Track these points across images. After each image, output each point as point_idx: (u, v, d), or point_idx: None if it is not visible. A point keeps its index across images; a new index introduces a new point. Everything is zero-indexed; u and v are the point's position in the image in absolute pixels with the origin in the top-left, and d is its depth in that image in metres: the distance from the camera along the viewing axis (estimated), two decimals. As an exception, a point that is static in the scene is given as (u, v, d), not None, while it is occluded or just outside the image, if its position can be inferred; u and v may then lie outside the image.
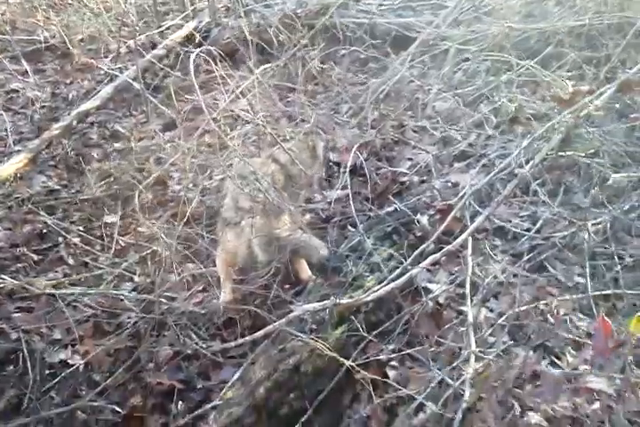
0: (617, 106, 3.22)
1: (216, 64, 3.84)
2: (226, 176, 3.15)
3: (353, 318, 2.24)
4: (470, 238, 2.27)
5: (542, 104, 3.81)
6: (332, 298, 2.21)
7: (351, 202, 2.85)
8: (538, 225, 2.61)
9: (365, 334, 2.18)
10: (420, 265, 2.24)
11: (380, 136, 3.81)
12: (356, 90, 4.53)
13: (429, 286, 2.43)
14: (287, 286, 2.72)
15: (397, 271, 2.27)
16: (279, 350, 2.20)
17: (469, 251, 2.25)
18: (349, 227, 3.02)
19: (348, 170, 3.11)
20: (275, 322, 2.30)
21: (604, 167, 2.76)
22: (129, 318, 2.67)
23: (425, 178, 3.38)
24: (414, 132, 3.97)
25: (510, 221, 2.67)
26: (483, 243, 2.47)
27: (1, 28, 6.04)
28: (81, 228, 3.44)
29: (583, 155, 2.76)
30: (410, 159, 3.69)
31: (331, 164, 3.76)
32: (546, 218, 2.61)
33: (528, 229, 2.71)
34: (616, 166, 2.91)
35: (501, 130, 3.65)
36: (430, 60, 4.50)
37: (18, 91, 5.18)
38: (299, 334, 2.17)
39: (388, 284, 2.21)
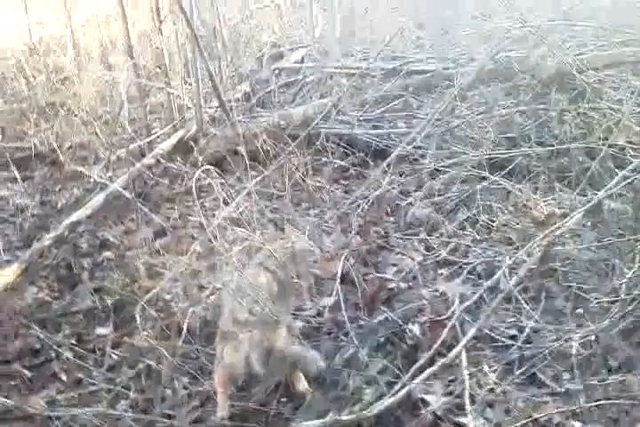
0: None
1: (204, 172, 4.09)
2: (220, 287, 3.26)
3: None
4: (464, 351, 2.37)
5: (515, 213, 4.08)
6: (330, 415, 2.24)
7: (343, 312, 2.94)
8: (524, 334, 2.73)
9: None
10: (417, 380, 2.30)
11: (366, 242, 3.98)
12: (338, 197, 4.77)
13: (426, 397, 2.48)
14: (284, 400, 2.75)
15: (396, 387, 2.33)
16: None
17: (464, 363, 2.34)
18: (342, 336, 3.10)
19: (338, 277, 3.22)
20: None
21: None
22: (127, 435, 2.64)
23: (411, 284, 3.53)
24: (397, 238, 4.16)
25: (497, 330, 2.78)
26: (474, 355, 2.56)
27: (-10, 136, 6.27)
28: (73, 341, 3.44)
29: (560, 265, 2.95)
30: (394, 265, 3.84)
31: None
32: (532, 327, 2.73)
33: (514, 336, 2.84)
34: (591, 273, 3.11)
35: (479, 238, 3.87)
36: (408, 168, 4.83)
37: (6, 199, 5.30)
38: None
39: (388, 398, 2.27)
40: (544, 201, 3.72)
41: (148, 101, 6.70)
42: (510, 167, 4.26)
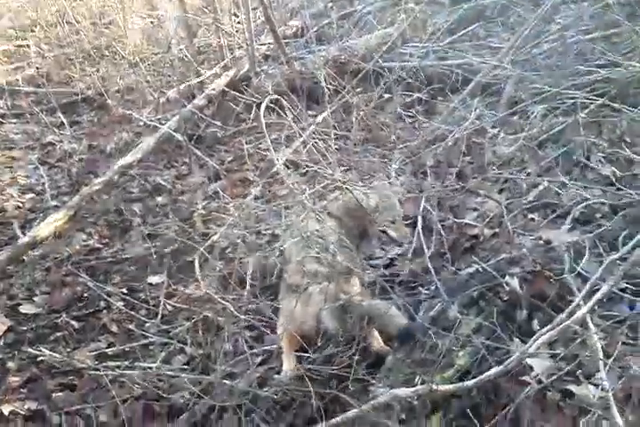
0: None
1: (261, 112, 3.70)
2: (282, 234, 2.91)
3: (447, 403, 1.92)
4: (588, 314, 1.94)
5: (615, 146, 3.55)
6: (427, 383, 1.88)
7: (427, 261, 2.54)
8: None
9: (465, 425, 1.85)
10: (530, 348, 1.90)
11: (442, 185, 3.54)
12: (407, 135, 4.31)
13: (529, 361, 2.09)
14: (357, 358, 2.40)
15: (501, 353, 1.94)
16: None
17: (592, 329, 1.92)
18: (421, 289, 2.72)
19: (419, 221, 2.81)
20: (356, 407, 1.98)
21: None
22: (182, 397, 2.36)
23: (497, 230, 3.09)
24: (474, 178, 3.70)
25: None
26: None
27: (37, 81, 6.03)
28: (124, 290, 3.19)
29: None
30: (475, 209, 3.41)
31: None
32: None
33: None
34: None
35: (573, 177, 3.37)
36: (484, 101, 4.28)
37: (54, 144, 5.06)
38: (389, 424, 1.84)
39: (495, 368, 1.88)
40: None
41: (197, 40, 6.32)
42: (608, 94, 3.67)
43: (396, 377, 2.11)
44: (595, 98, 3.63)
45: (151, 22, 7.34)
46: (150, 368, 2.45)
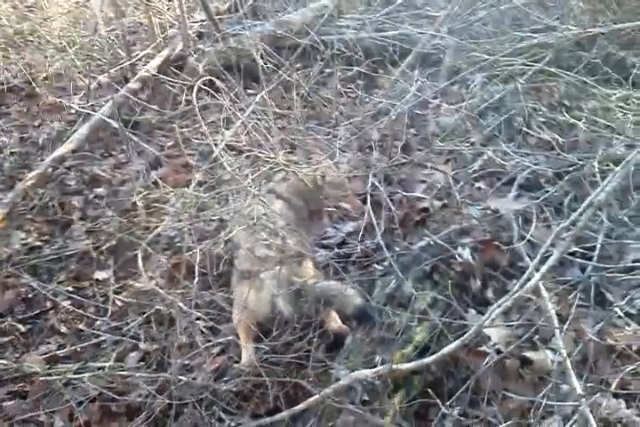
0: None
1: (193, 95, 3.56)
2: (230, 220, 2.83)
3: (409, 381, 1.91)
4: (542, 283, 1.95)
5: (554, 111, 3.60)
6: (387, 364, 1.87)
7: (379, 237, 2.51)
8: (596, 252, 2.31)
9: (427, 400, 1.85)
10: (486, 318, 1.90)
11: (388, 159, 3.51)
12: (349, 111, 4.26)
13: (486, 331, 2.10)
14: (315, 341, 2.36)
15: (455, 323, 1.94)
16: (328, 427, 1.86)
17: (546, 296, 1.93)
18: (376, 266, 2.70)
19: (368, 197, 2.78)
20: (317, 392, 1.95)
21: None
22: (140, 396, 2.29)
23: (446, 201, 3.09)
24: (420, 150, 3.69)
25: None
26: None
27: (-42, 72, 5.68)
28: (70, 288, 3.06)
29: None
30: (423, 181, 3.40)
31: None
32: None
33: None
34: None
35: (515, 143, 3.39)
36: (424, 72, 4.25)
37: (-18, 137, 4.79)
38: (352, 407, 1.82)
39: (454, 342, 1.88)
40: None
41: (126, 20, 6.05)
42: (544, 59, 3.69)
43: (357, 358, 2.09)
44: (532, 64, 3.65)
45: (76, 3, 6.99)
46: (104, 368, 2.36)
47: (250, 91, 4.33)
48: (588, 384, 1.89)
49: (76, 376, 2.35)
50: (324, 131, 3.95)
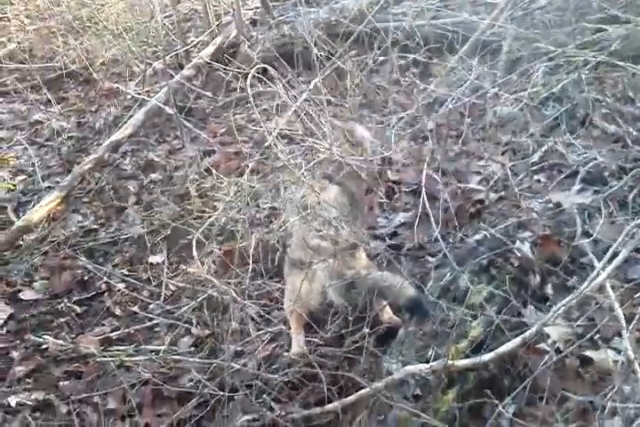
0: None
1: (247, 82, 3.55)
2: (283, 208, 2.82)
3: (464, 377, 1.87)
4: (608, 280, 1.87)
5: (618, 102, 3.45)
6: (442, 359, 1.83)
7: (434, 229, 2.46)
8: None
9: (482, 397, 1.80)
10: (549, 316, 1.83)
11: (442, 148, 3.43)
12: (402, 99, 4.19)
13: (546, 329, 2.03)
14: (367, 333, 2.34)
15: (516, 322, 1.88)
16: (378, 421, 1.83)
17: (612, 295, 1.84)
18: (428, 258, 2.65)
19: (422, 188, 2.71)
20: (368, 385, 1.93)
21: None
22: (191, 380, 2.32)
23: (503, 194, 3.01)
24: (477, 141, 3.60)
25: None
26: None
27: (19, 57, 5.83)
28: (125, 271, 3.12)
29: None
30: (478, 173, 3.32)
31: (389, 182, 3.42)
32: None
33: None
34: None
35: (577, 135, 3.26)
36: (483, 61, 4.13)
37: (42, 122, 4.91)
38: (403, 402, 1.79)
39: (513, 340, 1.82)
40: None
41: (182, 7, 6.10)
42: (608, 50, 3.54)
43: (409, 351, 2.06)
44: (596, 54, 3.51)
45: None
46: (157, 352, 2.39)
47: (303, 78, 4.31)
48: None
49: (130, 359, 2.38)
50: (377, 119, 3.90)
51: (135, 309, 2.85)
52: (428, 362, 1.92)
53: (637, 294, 2.04)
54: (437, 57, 4.39)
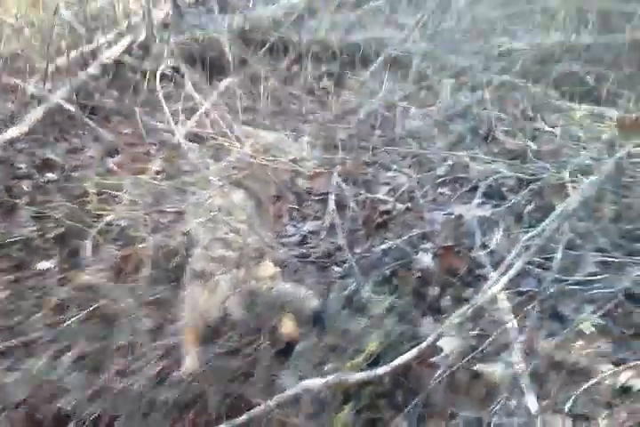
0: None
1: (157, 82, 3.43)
2: (187, 212, 2.69)
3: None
4: (503, 293, 1.88)
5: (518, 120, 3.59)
6: (337, 373, 1.77)
7: (340, 235, 2.42)
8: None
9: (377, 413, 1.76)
10: (444, 327, 1.82)
11: (353, 158, 3.44)
12: (315, 108, 4.19)
13: (439, 342, 2.02)
14: (266, 349, 2.24)
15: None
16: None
17: (505, 307, 1.86)
18: (334, 268, 2.61)
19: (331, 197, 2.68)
20: (261, 403, 1.84)
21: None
22: (69, 403, 2.12)
23: (409, 205, 3.03)
24: (386, 153, 3.63)
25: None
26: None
27: None
28: (11, 277, 2.88)
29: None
30: (386, 184, 3.34)
31: (299, 190, 3.37)
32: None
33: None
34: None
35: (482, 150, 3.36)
36: (393, 76, 4.20)
37: None
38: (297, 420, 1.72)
39: (409, 353, 1.79)
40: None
41: (88, 5, 5.83)
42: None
43: (307, 365, 1.99)
44: (498, 74, 3.66)
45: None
46: (33, 370, 2.18)
47: (216, 83, 4.23)
48: (540, 401, 1.82)
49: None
50: (290, 127, 3.87)
51: (17, 319, 2.60)
52: (324, 377, 1.86)
53: (528, 306, 2.07)
54: (350, 70, 4.45)
